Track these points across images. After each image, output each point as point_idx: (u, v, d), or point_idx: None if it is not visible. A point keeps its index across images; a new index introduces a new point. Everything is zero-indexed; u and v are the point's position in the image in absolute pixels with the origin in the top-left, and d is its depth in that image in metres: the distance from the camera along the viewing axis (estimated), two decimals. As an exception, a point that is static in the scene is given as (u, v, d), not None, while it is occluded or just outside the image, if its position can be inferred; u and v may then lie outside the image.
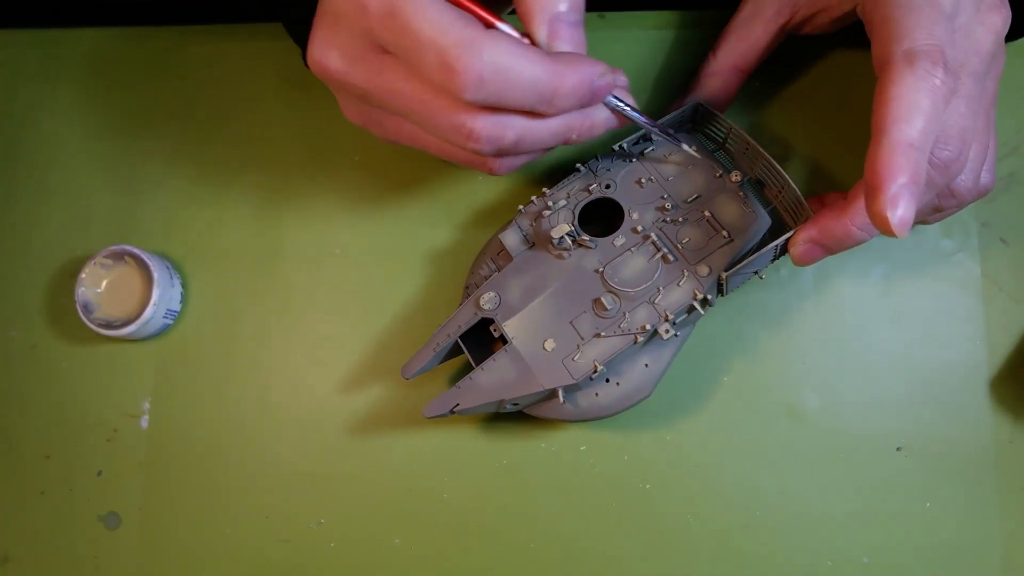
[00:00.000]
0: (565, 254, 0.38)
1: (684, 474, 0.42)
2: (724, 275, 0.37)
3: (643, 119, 0.35)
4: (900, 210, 0.29)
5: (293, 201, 0.45)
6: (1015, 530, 0.41)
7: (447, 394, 0.37)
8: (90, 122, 0.47)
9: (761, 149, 0.38)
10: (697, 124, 0.42)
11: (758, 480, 0.42)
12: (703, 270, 0.37)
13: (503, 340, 0.38)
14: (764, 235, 0.38)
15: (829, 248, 0.35)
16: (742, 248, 0.37)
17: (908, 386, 0.42)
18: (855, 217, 0.34)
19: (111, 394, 0.44)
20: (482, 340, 0.40)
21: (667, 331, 0.36)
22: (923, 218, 0.39)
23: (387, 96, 0.31)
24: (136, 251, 0.43)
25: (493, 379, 0.37)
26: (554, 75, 0.30)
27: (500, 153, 0.32)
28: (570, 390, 0.37)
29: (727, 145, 0.41)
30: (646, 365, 0.38)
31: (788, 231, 0.37)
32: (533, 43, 0.31)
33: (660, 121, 0.38)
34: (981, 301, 0.42)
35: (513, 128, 0.31)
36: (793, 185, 0.37)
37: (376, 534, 0.42)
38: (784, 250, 0.37)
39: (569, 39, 0.32)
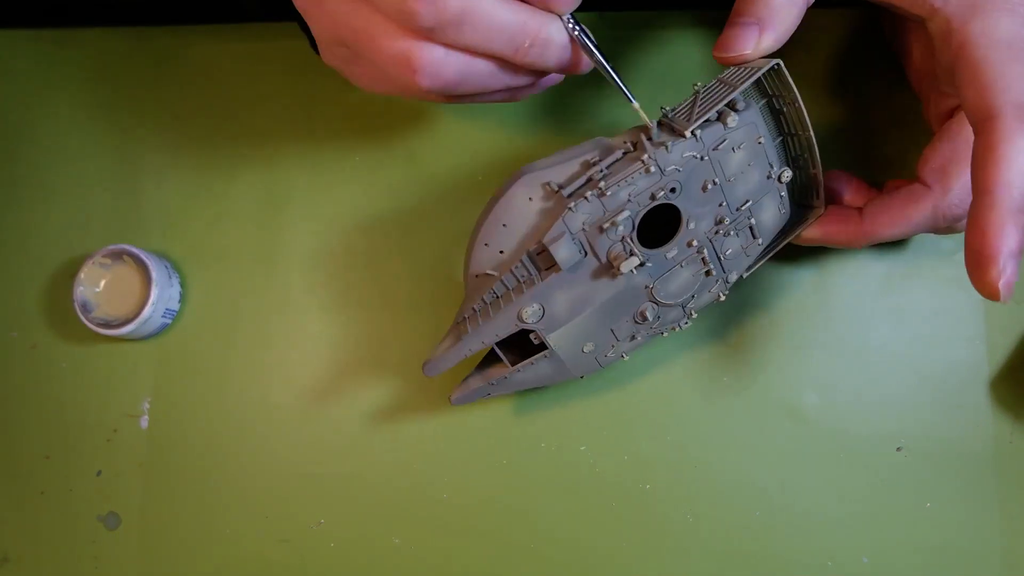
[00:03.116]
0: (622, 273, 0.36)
1: (684, 474, 0.42)
2: (745, 275, 0.38)
3: (599, 55, 0.32)
4: (1007, 276, 0.29)
5: (293, 201, 0.45)
6: (1015, 530, 0.41)
7: (480, 388, 0.38)
8: (90, 122, 0.47)
9: (812, 135, 0.35)
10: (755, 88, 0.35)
11: (758, 480, 0.42)
12: (732, 276, 0.38)
13: (542, 344, 0.37)
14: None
15: (824, 245, 0.38)
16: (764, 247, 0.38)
17: (908, 386, 0.42)
18: (863, 240, 0.36)
19: (111, 394, 0.44)
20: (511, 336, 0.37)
21: (686, 323, 0.38)
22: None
23: (344, 21, 0.30)
24: (134, 250, 0.43)
25: (529, 376, 0.38)
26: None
27: (438, 28, 0.29)
28: None
29: (772, 102, 0.35)
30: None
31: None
32: None
33: (738, 90, 0.32)
34: (981, 301, 0.42)
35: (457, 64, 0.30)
36: (821, 175, 0.36)
37: (376, 534, 0.42)
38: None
39: None
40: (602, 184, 0.33)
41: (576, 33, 0.31)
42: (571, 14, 0.31)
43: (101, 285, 0.44)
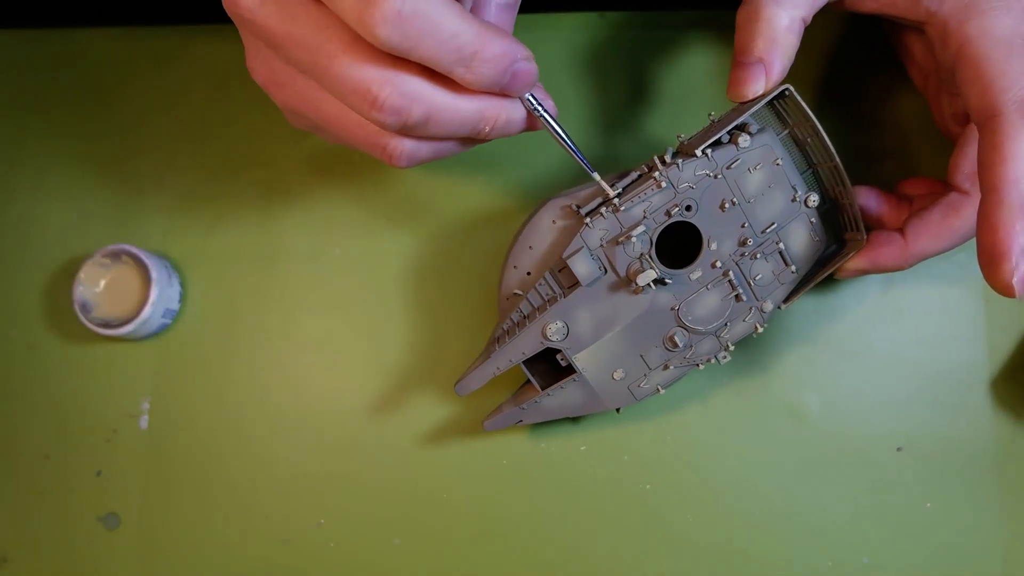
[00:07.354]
0: (642, 289, 0.36)
1: (684, 474, 0.42)
2: (783, 306, 0.37)
3: (559, 130, 0.33)
4: (1021, 271, 0.29)
5: (293, 201, 0.45)
6: (1016, 530, 0.41)
7: (511, 412, 0.38)
8: (89, 122, 0.47)
9: (839, 162, 0.35)
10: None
11: (758, 480, 0.42)
12: (768, 306, 0.37)
13: (570, 367, 0.37)
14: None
15: (870, 273, 0.37)
16: (801, 277, 0.37)
17: (908, 386, 0.42)
18: (911, 260, 0.35)
19: (110, 394, 0.44)
20: (539, 355, 0.38)
21: (724, 358, 0.37)
22: None
23: (294, 45, 0.28)
24: (134, 250, 0.43)
25: (559, 402, 0.38)
26: (478, 36, 0.28)
27: (405, 130, 0.29)
28: None
29: (794, 132, 0.36)
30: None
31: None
32: None
33: (746, 114, 0.34)
34: (981, 301, 0.42)
35: (422, 102, 0.28)
36: (856, 205, 0.36)
37: (376, 534, 0.42)
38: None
39: (496, 17, 0.31)
40: (616, 200, 0.34)
41: (533, 107, 0.32)
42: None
43: (101, 285, 0.44)
